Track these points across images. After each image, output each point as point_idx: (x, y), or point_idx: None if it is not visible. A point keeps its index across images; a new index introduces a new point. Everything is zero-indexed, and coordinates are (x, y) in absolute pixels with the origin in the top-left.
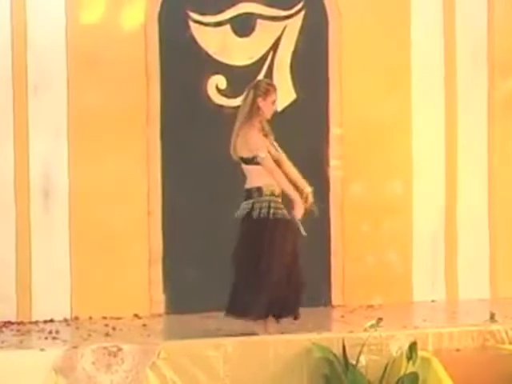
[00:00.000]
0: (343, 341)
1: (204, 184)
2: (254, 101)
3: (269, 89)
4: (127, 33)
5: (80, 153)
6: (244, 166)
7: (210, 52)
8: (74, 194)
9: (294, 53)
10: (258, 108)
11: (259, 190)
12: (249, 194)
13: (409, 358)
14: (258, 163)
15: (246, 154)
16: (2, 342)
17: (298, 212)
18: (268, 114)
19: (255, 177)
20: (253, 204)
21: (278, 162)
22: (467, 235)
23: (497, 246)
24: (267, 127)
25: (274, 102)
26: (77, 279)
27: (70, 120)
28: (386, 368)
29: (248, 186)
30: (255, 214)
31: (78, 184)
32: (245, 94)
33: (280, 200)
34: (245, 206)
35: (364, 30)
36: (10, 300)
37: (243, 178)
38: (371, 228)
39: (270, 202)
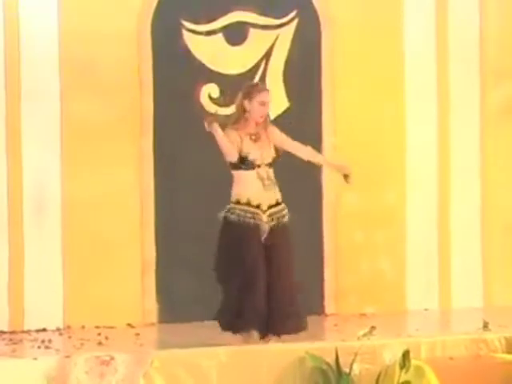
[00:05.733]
0: (336, 349)
1: (197, 193)
2: (240, 104)
3: (251, 90)
4: (120, 42)
5: (73, 162)
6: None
7: (203, 61)
8: (66, 203)
9: (287, 61)
10: (245, 110)
11: (238, 201)
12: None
13: (402, 367)
14: (233, 168)
15: (229, 159)
16: None
17: None
18: (256, 115)
19: (239, 183)
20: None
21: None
22: (460, 244)
23: (490, 254)
24: (259, 131)
25: (262, 103)
26: (69, 288)
27: (63, 130)
28: (379, 377)
29: (233, 192)
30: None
31: (70, 193)
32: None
33: (248, 208)
34: (232, 211)
35: (357, 38)
36: (2, 309)
37: None
38: (364, 236)
39: (232, 208)
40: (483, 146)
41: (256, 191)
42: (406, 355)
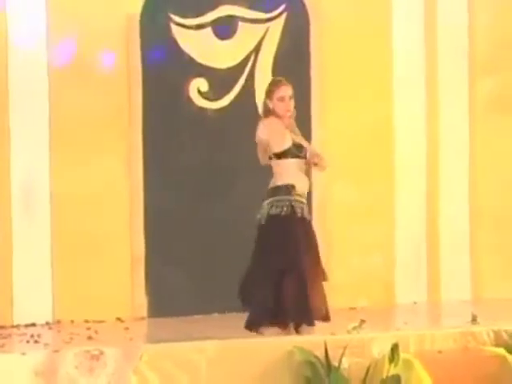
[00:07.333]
0: (325, 343)
1: (186, 186)
2: (264, 103)
3: (270, 89)
4: (109, 36)
5: (62, 156)
6: (276, 163)
7: (192, 55)
8: (55, 197)
9: (276, 55)
10: (269, 109)
11: (293, 187)
12: (281, 190)
13: (391, 360)
14: (294, 156)
15: (278, 148)
16: None
17: None
18: (280, 111)
19: (289, 172)
20: (291, 202)
21: None
22: (449, 237)
23: (478, 247)
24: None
25: (281, 99)
26: (59, 283)
27: (52, 123)
28: (368, 370)
29: (281, 182)
30: (298, 212)
31: (59, 187)
32: None
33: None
34: (280, 204)
35: (346, 32)
36: None
37: (226, 179)
38: (354, 231)
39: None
40: (472, 139)
41: (304, 179)
42: (394, 349)
